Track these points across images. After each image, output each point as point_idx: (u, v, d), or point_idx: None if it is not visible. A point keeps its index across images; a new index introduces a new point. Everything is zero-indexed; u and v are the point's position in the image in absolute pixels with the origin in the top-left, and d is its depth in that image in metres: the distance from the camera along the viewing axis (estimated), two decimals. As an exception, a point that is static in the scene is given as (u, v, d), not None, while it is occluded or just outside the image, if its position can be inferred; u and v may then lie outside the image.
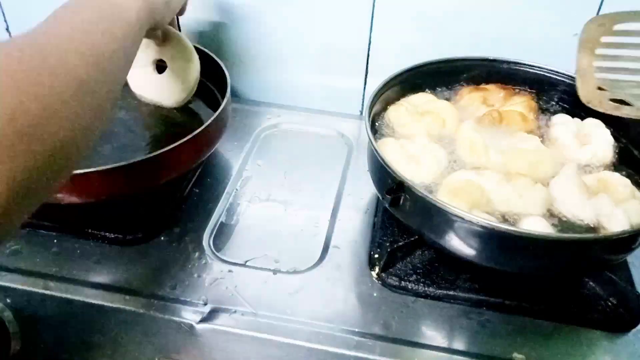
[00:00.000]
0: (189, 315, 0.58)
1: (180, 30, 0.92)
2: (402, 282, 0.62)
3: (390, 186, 0.57)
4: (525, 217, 0.58)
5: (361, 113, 0.95)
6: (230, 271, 0.63)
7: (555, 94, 0.76)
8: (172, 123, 0.77)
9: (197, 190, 0.74)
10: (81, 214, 0.67)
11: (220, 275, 0.63)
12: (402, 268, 0.63)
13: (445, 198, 0.57)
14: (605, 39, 0.66)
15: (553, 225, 0.57)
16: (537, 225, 0.56)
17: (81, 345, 0.62)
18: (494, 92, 0.74)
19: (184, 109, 0.78)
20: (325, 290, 0.62)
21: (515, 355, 0.56)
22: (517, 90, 0.76)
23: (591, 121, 0.70)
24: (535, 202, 0.59)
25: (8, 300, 0.61)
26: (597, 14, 0.77)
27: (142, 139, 0.75)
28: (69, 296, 0.60)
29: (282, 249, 0.66)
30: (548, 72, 0.75)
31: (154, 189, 0.66)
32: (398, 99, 0.74)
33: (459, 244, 0.56)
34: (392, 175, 0.57)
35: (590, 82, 0.67)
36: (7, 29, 0.99)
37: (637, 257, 0.65)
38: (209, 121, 0.66)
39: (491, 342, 0.57)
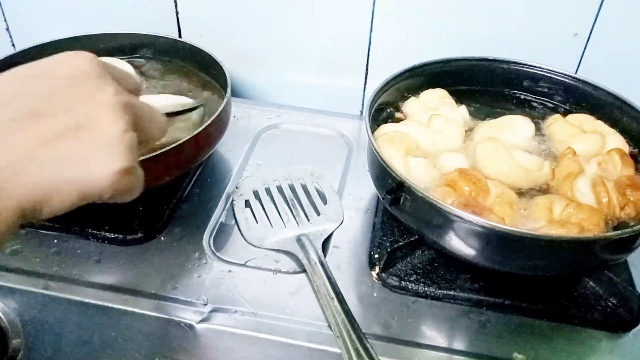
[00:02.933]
0: (189, 315, 0.58)
1: (180, 30, 0.93)
2: (402, 282, 0.62)
3: (390, 186, 0.57)
4: (444, 153, 0.65)
5: (361, 113, 0.95)
6: (230, 271, 0.63)
7: (555, 94, 0.76)
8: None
9: (197, 190, 0.74)
10: (81, 214, 0.67)
11: (220, 275, 0.63)
12: (402, 268, 0.63)
13: (384, 145, 0.63)
14: None
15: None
16: (454, 160, 0.64)
17: (81, 345, 0.62)
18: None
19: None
20: (325, 290, 0.62)
21: (516, 355, 0.56)
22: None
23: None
24: (454, 135, 0.67)
25: (8, 300, 0.61)
26: (597, 13, 0.77)
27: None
28: (69, 296, 0.60)
29: (282, 249, 0.66)
30: (548, 72, 0.75)
31: (153, 189, 0.65)
32: (398, 99, 0.74)
33: (459, 244, 0.56)
34: (392, 175, 0.57)
35: None
36: (7, 29, 0.99)
37: (637, 257, 0.65)
38: (209, 121, 0.66)
39: (491, 342, 0.57)
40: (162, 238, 0.67)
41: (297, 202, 0.71)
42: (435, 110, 0.70)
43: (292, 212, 0.70)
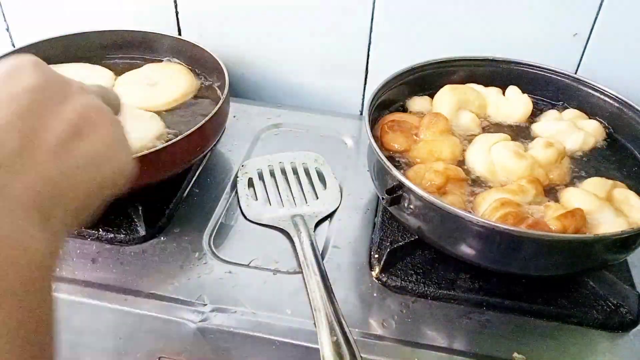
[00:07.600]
0: (189, 315, 0.58)
1: (180, 30, 0.93)
2: (402, 282, 0.62)
3: (390, 186, 0.57)
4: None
5: (361, 113, 0.95)
6: (230, 271, 0.63)
7: (555, 94, 0.76)
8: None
9: (197, 190, 0.74)
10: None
11: (220, 276, 0.63)
12: (402, 268, 0.63)
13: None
14: None
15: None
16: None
17: (81, 345, 0.62)
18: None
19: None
20: (325, 290, 0.62)
21: (516, 355, 0.56)
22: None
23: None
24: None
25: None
26: (597, 13, 0.77)
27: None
28: (68, 296, 0.60)
29: (282, 249, 0.66)
30: (548, 72, 0.75)
31: (147, 188, 0.65)
32: (398, 100, 0.74)
33: (458, 243, 0.56)
34: (392, 175, 0.57)
35: None
36: (7, 29, 0.99)
37: (637, 257, 0.65)
38: (203, 121, 0.66)
39: (491, 342, 0.57)
40: (162, 238, 0.67)
41: (297, 184, 0.74)
42: None
43: (291, 193, 0.73)
